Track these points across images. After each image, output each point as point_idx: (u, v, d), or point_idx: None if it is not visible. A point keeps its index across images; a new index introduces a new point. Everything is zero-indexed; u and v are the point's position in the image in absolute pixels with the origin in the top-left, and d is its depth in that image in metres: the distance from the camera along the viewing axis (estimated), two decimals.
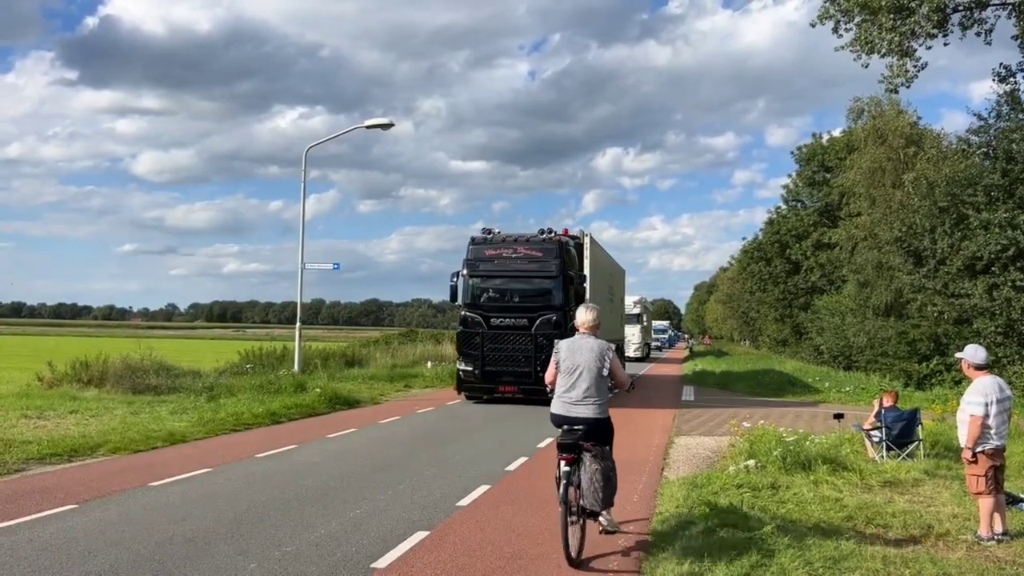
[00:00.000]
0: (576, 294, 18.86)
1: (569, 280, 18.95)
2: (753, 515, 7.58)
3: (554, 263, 18.80)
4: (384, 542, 6.77)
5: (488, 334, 18.87)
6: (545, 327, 18.46)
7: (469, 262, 19.43)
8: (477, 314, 19.10)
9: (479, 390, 19.23)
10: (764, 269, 49.44)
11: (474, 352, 18.97)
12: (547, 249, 18.97)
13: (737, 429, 12.15)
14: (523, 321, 18.69)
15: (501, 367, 18.76)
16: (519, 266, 19.06)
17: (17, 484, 9.04)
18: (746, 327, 73.72)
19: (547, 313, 18.64)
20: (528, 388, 18.33)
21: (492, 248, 19.35)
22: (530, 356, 18.42)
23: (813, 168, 45.18)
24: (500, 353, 18.77)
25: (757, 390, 25.55)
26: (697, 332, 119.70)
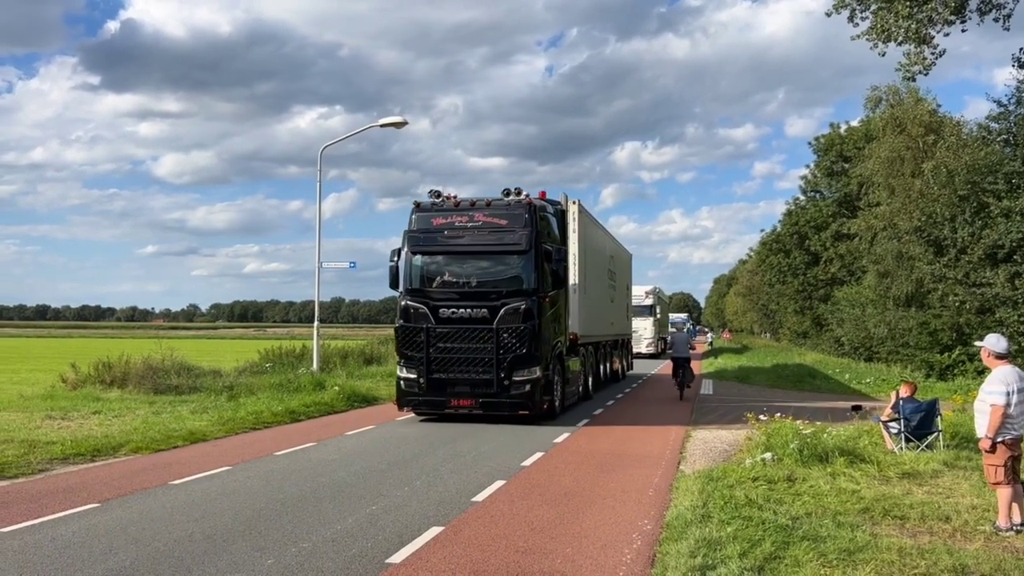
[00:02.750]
0: (553, 275, 14.82)
1: (544, 256, 14.67)
2: (768, 508, 7.57)
3: (523, 233, 14.38)
4: (399, 538, 6.83)
5: (435, 330, 14.41)
6: (511, 319, 14.16)
7: (411, 235, 14.96)
8: (421, 303, 14.62)
9: (425, 404, 14.71)
10: (783, 261, 49.10)
11: (417, 354, 14.45)
12: (514, 215, 14.59)
13: (754, 422, 12.10)
14: (482, 312, 14.30)
15: (453, 373, 14.34)
16: (477, 238, 14.62)
17: (41, 484, 9.21)
18: (766, 320, 73.28)
19: (514, 300, 14.26)
20: (490, 401, 14.22)
21: (441, 216, 14.87)
22: (491, 358, 14.08)
23: (831, 158, 44.74)
24: (452, 355, 14.31)
25: (776, 383, 25.42)
26: (717, 326, 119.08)
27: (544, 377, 14.47)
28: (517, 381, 14.13)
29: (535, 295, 14.39)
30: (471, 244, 14.72)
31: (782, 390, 23.32)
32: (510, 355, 14.09)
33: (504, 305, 14.28)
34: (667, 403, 19.16)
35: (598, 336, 21.18)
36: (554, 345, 15.15)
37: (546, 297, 14.64)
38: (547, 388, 14.68)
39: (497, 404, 14.24)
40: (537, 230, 14.59)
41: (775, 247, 50.66)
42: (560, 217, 16.74)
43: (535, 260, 14.48)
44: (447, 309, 14.51)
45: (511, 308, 14.24)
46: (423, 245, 14.97)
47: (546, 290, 14.69)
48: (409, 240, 15.01)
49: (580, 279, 17.99)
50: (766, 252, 53.55)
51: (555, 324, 15.30)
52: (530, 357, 14.14)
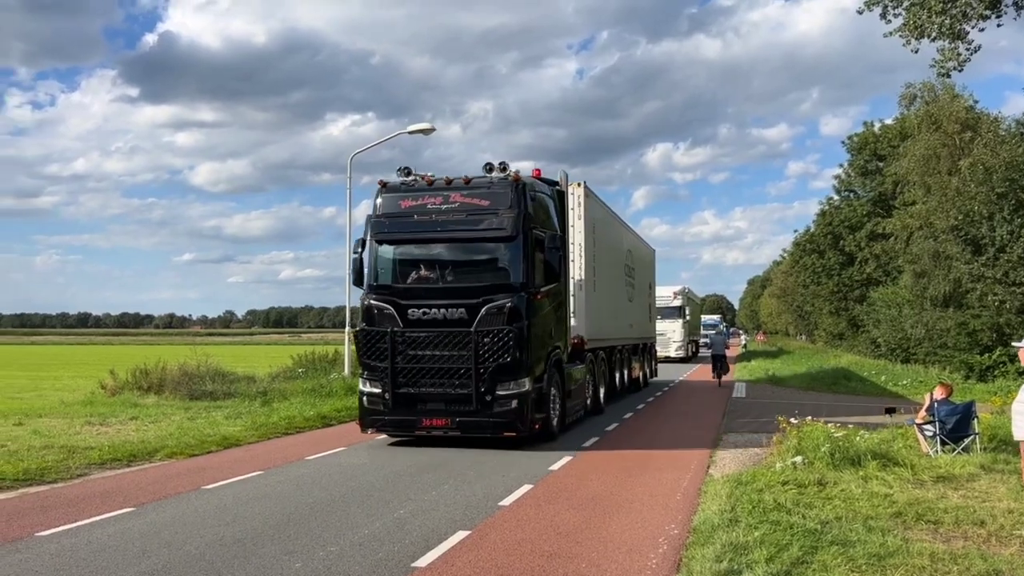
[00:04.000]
0: (547, 267, 12.48)
1: (535, 244, 12.29)
2: (797, 512, 7.49)
3: (508, 216, 12.03)
4: (425, 542, 6.88)
5: (403, 335, 12.06)
6: (494, 320, 11.79)
7: (375, 221, 12.69)
8: (387, 303, 12.28)
9: (392, 425, 12.41)
10: (817, 262, 48.44)
11: (381, 364, 12.13)
12: (497, 195, 12.22)
13: (785, 425, 11.97)
14: (459, 312, 11.95)
15: (425, 387, 12.00)
16: (452, 223, 12.28)
17: (79, 488, 9.43)
18: (801, 321, 72.38)
19: (497, 297, 11.90)
20: (468, 421, 11.88)
21: (411, 197, 12.56)
22: (470, 369, 11.75)
23: (865, 157, 44.07)
24: (423, 365, 11.97)
25: (811, 385, 25.10)
26: (752, 327, 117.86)
27: (536, 390, 12.17)
28: (502, 396, 11.77)
29: (524, 291, 12.00)
30: (445, 230, 12.31)
31: (816, 392, 23.03)
32: (492, 364, 11.70)
33: (485, 303, 11.86)
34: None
35: (612, 340, 19.04)
36: (550, 351, 12.89)
37: (538, 293, 12.32)
38: (540, 403, 12.31)
39: (477, 424, 11.85)
40: (527, 213, 12.17)
41: (809, 248, 50.02)
42: (559, 200, 14.08)
43: (524, 249, 12.08)
44: (417, 309, 12.13)
45: (494, 307, 11.84)
46: (388, 232, 12.62)
47: (538, 285, 12.36)
48: (374, 227, 12.67)
49: (587, 274, 15.99)
50: (800, 253, 52.91)
51: (551, 326, 13.06)
52: (517, 366, 11.76)
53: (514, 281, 12.09)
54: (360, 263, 12.73)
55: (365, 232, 12.78)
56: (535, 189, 12.86)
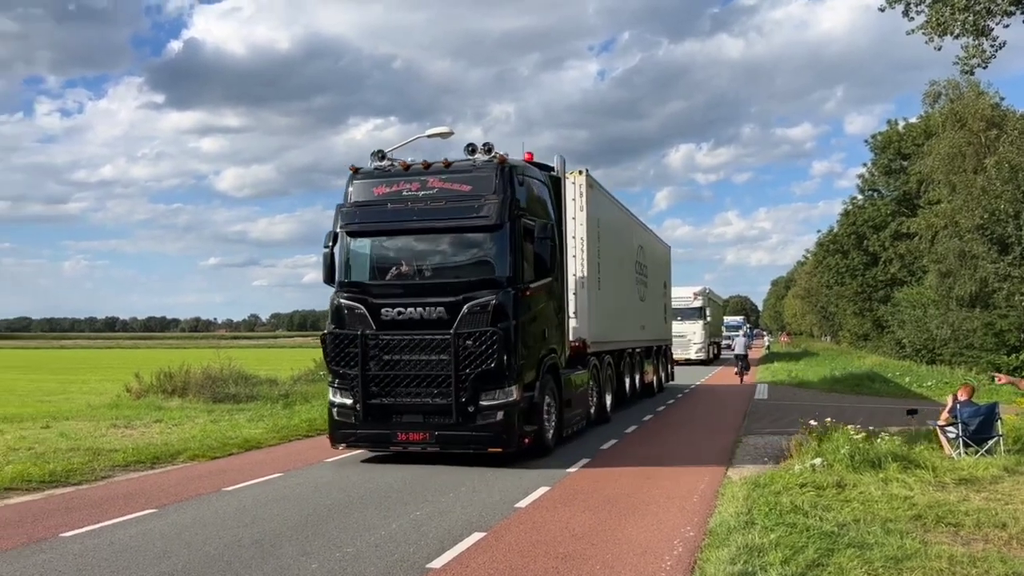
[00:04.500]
0: (537, 260, 11.23)
1: (524, 233, 11.08)
2: (815, 514, 7.44)
3: (492, 203, 10.82)
4: (441, 543, 6.92)
5: (375, 339, 10.85)
6: (476, 320, 10.57)
7: (345, 211, 11.49)
8: (358, 302, 11.11)
9: (364, 440, 11.25)
10: (841, 262, 47.96)
11: (351, 371, 10.93)
12: (480, 179, 11.05)
13: (805, 427, 11.89)
14: (437, 312, 10.75)
15: (400, 397, 10.83)
16: (430, 211, 11.02)
17: (103, 490, 9.60)
18: (825, 322, 71.70)
19: (481, 294, 10.69)
20: (448, 435, 10.70)
21: (385, 183, 11.38)
22: (450, 376, 10.52)
23: (889, 156, 43.58)
24: (397, 372, 10.79)
25: (833, 387, 24.87)
26: (776, 328, 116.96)
27: (526, 400, 10.95)
28: (486, 407, 10.57)
29: (511, 287, 10.76)
30: (422, 219, 11.06)
31: (839, 394, 22.81)
32: (475, 371, 10.44)
33: (467, 302, 10.63)
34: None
35: (621, 342, 17.66)
36: (543, 356, 11.63)
37: (527, 290, 11.03)
38: (530, 414, 11.08)
39: (458, 439, 10.68)
40: (514, 199, 10.95)
41: (832, 248, 49.54)
42: (555, 187, 12.84)
43: (510, 239, 10.84)
44: (391, 309, 10.93)
45: (476, 306, 10.59)
46: (358, 222, 11.38)
47: (527, 280, 11.09)
48: (344, 217, 11.44)
49: (590, 271, 14.68)
50: (823, 253, 52.42)
51: (544, 327, 11.78)
52: (503, 373, 10.53)
53: (500, 276, 10.83)
54: (330, 258, 11.52)
55: (335, 223, 11.52)
56: (525, 173, 11.63)
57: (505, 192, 10.94)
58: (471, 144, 11.33)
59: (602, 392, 15.58)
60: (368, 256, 11.63)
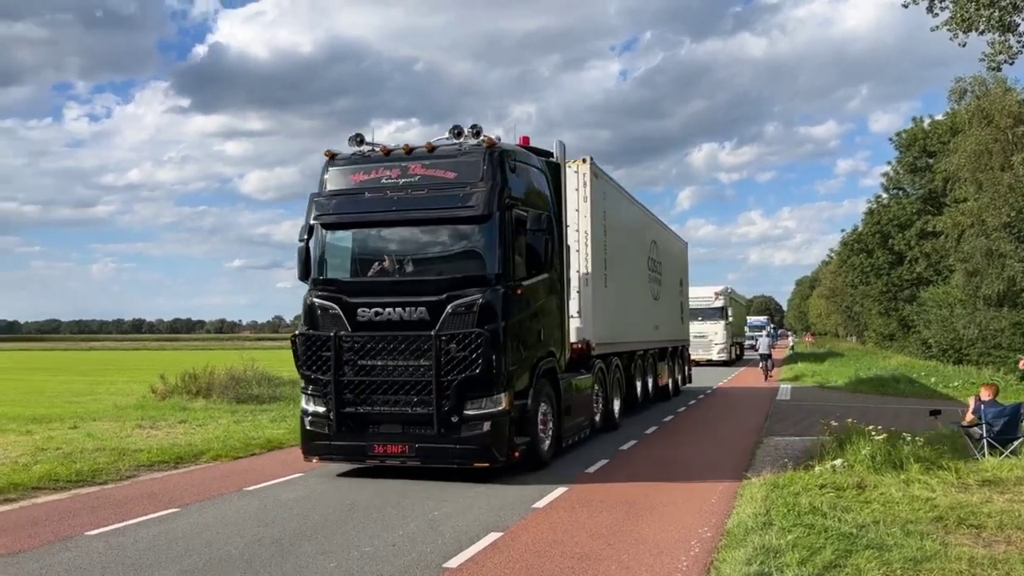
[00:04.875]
0: (531, 254, 10.31)
1: (516, 225, 10.15)
2: (833, 515, 7.40)
3: (479, 191, 9.86)
4: (458, 543, 6.97)
5: (350, 341, 9.95)
6: (461, 321, 9.65)
7: (318, 201, 10.58)
8: (332, 301, 10.22)
9: (338, 452, 10.28)
10: (865, 261, 47.50)
11: (324, 377, 10.03)
12: (466, 164, 10.08)
13: (827, 428, 11.80)
14: (419, 312, 9.80)
15: (376, 405, 9.88)
16: (411, 200, 10.07)
17: (128, 489, 9.76)
18: (850, 322, 70.98)
19: (467, 292, 9.75)
20: (429, 447, 9.73)
21: (363, 170, 10.49)
22: (431, 382, 9.55)
23: (914, 154, 43.09)
24: (373, 378, 9.85)
25: (857, 387, 24.64)
26: (800, 329, 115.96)
27: (518, 408, 10.00)
28: (471, 417, 9.61)
29: (501, 284, 9.80)
30: (401, 209, 10.09)
31: (863, 395, 22.60)
32: (459, 377, 9.47)
33: (452, 300, 9.71)
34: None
35: (631, 343, 16.66)
36: (538, 359, 10.65)
37: (519, 288, 10.06)
38: (523, 424, 10.11)
39: (440, 452, 9.70)
40: (505, 186, 9.98)
41: (856, 247, 49.06)
42: (553, 175, 11.70)
43: (500, 231, 9.87)
44: (368, 309, 9.98)
45: (461, 305, 9.66)
46: (333, 214, 10.45)
47: (519, 277, 10.13)
48: (318, 207, 10.52)
49: (595, 267, 13.72)
50: (847, 252, 51.92)
51: (540, 327, 10.80)
52: (491, 379, 9.57)
53: (488, 272, 9.85)
54: (305, 252, 10.58)
55: (308, 214, 10.60)
56: (518, 159, 10.62)
57: (494, 179, 9.92)
58: (457, 126, 10.23)
59: (609, 397, 14.54)
60: (343, 251, 10.76)
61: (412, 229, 10.45)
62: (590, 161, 13.81)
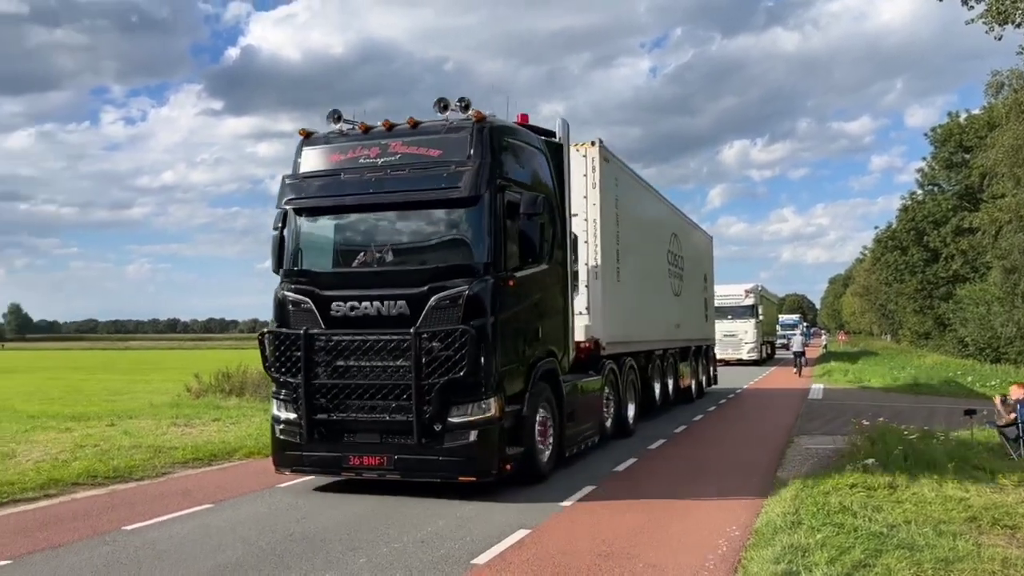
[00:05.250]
0: (524, 241, 9.23)
1: (507, 209, 9.12)
2: (864, 515, 7.33)
3: (465, 170, 8.85)
4: (485, 539, 7.02)
5: (322, 339, 8.97)
6: (444, 317, 8.65)
7: (289, 184, 9.66)
8: (305, 295, 9.25)
9: (310, 463, 9.28)
10: (900, 258, 46.78)
11: (293, 379, 9.06)
12: (452, 141, 9.13)
13: (859, 427, 11.69)
14: (398, 306, 8.79)
15: (351, 411, 8.91)
16: (391, 182, 9.10)
17: (163, 486, 9.96)
18: (885, 320, 69.94)
19: (451, 285, 8.73)
20: (409, 459, 8.75)
21: (340, 150, 9.56)
22: (409, 385, 8.56)
23: (950, 149, 42.34)
24: (348, 381, 8.88)
25: (891, 386, 24.31)
26: (834, 327, 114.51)
27: (511, 415, 8.97)
28: (456, 425, 8.60)
29: (490, 275, 8.77)
30: (379, 192, 9.10)
31: (897, 394, 22.29)
32: (442, 380, 8.48)
33: (435, 293, 8.70)
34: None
35: (648, 342, 15.58)
36: (535, 360, 9.63)
37: (511, 279, 9.05)
38: (516, 433, 9.07)
39: (421, 464, 8.71)
40: (495, 166, 8.99)
41: (891, 244, 48.33)
42: (554, 156, 10.65)
43: (490, 215, 8.88)
44: (343, 303, 9.00)
45: (446, 298, 8.65)
46: (304, 198, 9.53)
47: (511, 267, 9.10)
48: (290, 190, 9.59)
49: (605, 260, 12.77)
50: (881, 250, 51.16)
51: (538, 323, 9.78)
52: (478, 382, 8.60)
53: (476, 261, 8.84)
54: (280, 242, 9.72)
55: (279, 198, 9.67)
56: (512, 136, 9.71)
57: (483, 157, 8.89)
58: (442, 99, 9.25)
59: (622, 401, 13.45)
60: (316, 239, 9.85)
61: (391, 213, 9.48)
62: (599, 144, 12.80)
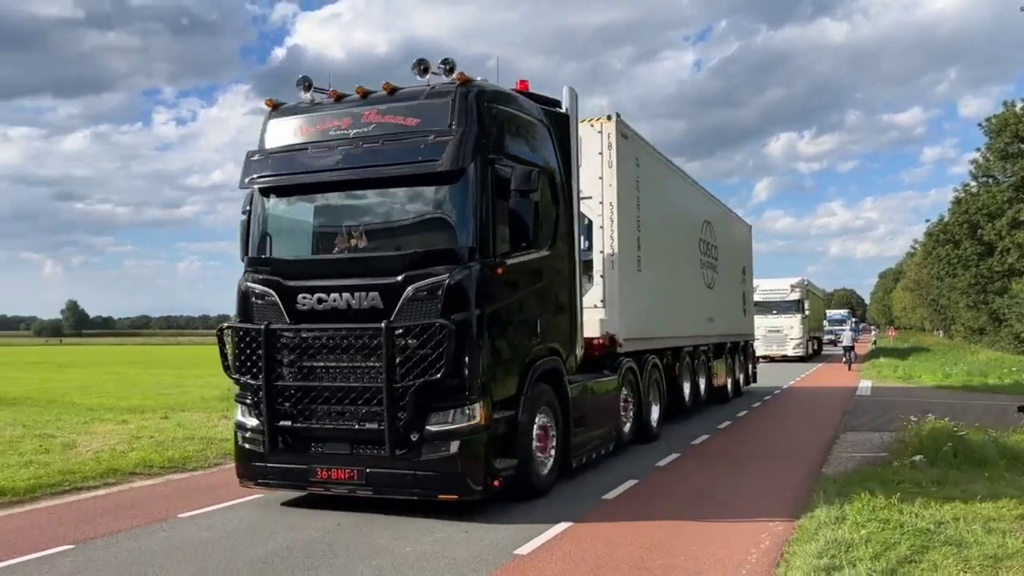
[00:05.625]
0: (517, 224, 7.93)
1: (497, 185, 7.93)
2: (911, 511, 7.25)
3: (447, 141, 7.66)
4: (529, 531, 7.11)
5: (288, 335, 7.91)
6: (422, 309, 7.52)
7: (252, 161, 8.54)
8: (269, 285, 8.16)
9: (275, 475, 8.21)
10: (952, 252, 45.55)
11: (254, 381, 7.99)
12: (432, 108, 7.95)
13: (907, 424, 11.50)
14: (370, 297, 7.71)
15: (318, 418, 7.84)
16: (362, 156, 7.94)
17: (216, 476, 10.28)
18: (937, 316, 68.30)
19: (430, 272, 7.59)
20: (383, 472, 7.64)
21: (307, 122, 8.49)
22: (381, 388, 7.44)
23: (1005, 140, 41.07)
24: (313, 383, 7.81)
25: (943, 383, 23.79)
26: (884, 323, 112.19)
27: (501, 422, 7.84)
28: (435, 434, 7.50)
29: (476, 261, 7.63)
30: (348, 167, 7.96)
31: (948, 391, 21.80)
32: (418, 382, 7.35)
33: (411, 283, 7.56)
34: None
35: (675, 338, 14.36)
36: (533, 359, 8.46)
37: (501, 266, 7.89)
38: (507, 443, 7.96)
39: (396, 479, 7.59)
40: (482, 135, 7.81)
41: (943, 238, 47.11)
42: (559, 128, 9.49)
43: (475, 192, 7.73)
44: (310, 295, 7.91)
45: (424, 288, 7.51)
46: (266, 176, 8.42)
47: (501, 251, 7.94)
48: (254, 168, 8.49)
49: (623, 247, 11.62)
50: (933, 244, 49.92)
51: (536, 317, 8.60)
52: (460, 384, 7.49)
53: (460, 246, 7.70)
54: (247, 226, 8.72)
55: (244, 174, 8.54)
56: (504, 103, 8.49)
57: (467, 125, 7.73)
58: (422, 60, 8.01)
59: (644, 402, 12.18)
60: (284, 223, 8.79)
61: (364, 192, 8.40)
62: (616, 118, 11.68)
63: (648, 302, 12.86)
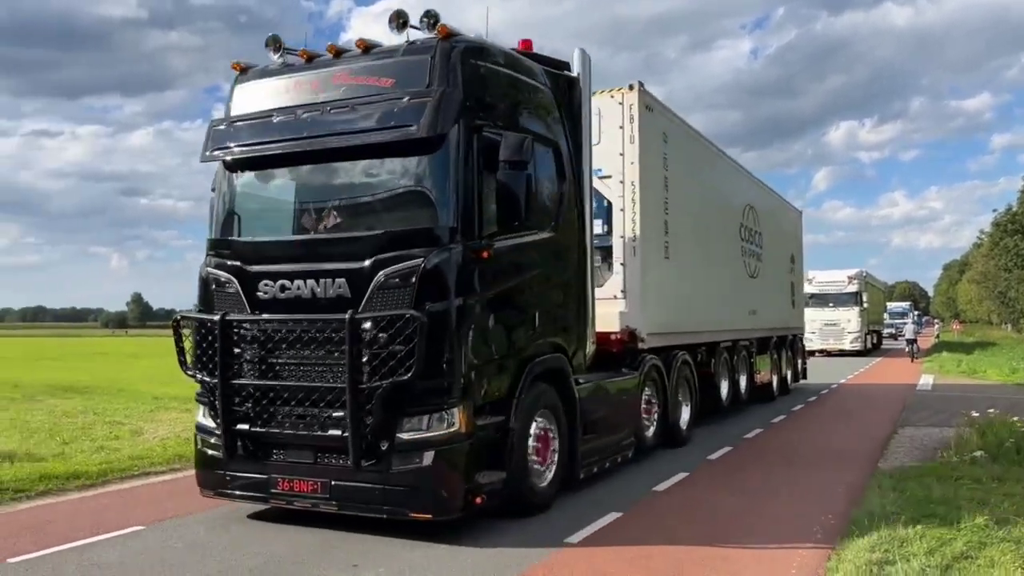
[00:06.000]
0: (507, 199, 6.83)
1: (483, 154, 6.91)
2: (969, 507, 7.13)
3: (422, 103, 6.61)
4: (579, 521, 7.20)
5: (245, 328, 7.07)
6: (393, 298, 6.51)
7: (216, 132, 7.61)
8: (229, 271, 7.28)
9: (233, 484, 7.28)
10: (1021, 243, 44.13)
11: (210, 379, 7.13)
12: (410, 66, 6.92)
13: (968, 419, 11.25)
14: (337, 284, 6.74)
15: (279, 422, 6.94)
16: (329, 123, 6.98)
17: None
18: (1004, 309, 66.07)
19: (405, 256, 6.55)
20: (348, 486, 6.68)
21: (274, 86, 7.54)
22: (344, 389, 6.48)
23: None
24: (273, 382, 6.89)
25: (1009, 378, 23.09)
26: (948, 316, 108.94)
27: (486, 428, 6.83)
28: (406, 443, 6.55)
29: (456, 242, 6.64)
30: (314, 135, 7.04)
31: (1015, 387, 21.15)
32: (386, 382, 6.39)
33: (381, 267, 6.60)
34: (878, 400, 12.92)
35: (710, 332, 13.12)
36: (530, 356, 7.43)
37: (487, 248, 6.83)
38: (495, 453, 6.95)
39: (362, 493, 6.66)
40: (467, 97, 6.82)
41: (1011, 228, 45.61)
42: (566, 94, 8.46)
43: (457, 164, 6.74)
44: (272, 282, 7.01)
45: (395, 274, 6.55)
46: (227, 147, 7.52)
47: (488, 231, 6.91)
48: (216, 139, 7.59)
49: (650, 230, 10.58)
50: (1000, 234, 48.34)
51: (534, 308, 7.57)
52: (437, 386, 6.56)
53: (439, 224, 6.73)
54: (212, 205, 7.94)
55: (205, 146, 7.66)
56: (495, 62, 7.41)
57: (448, 84, 6.73)
58: (400, 12, 6.92)
59: (670, 403, 10.95)
60: (249, 200, 7.80)
61: (333, 165, 7.40)
62: (639, 88, 10.41)
63: (677, 293, 11.59)
